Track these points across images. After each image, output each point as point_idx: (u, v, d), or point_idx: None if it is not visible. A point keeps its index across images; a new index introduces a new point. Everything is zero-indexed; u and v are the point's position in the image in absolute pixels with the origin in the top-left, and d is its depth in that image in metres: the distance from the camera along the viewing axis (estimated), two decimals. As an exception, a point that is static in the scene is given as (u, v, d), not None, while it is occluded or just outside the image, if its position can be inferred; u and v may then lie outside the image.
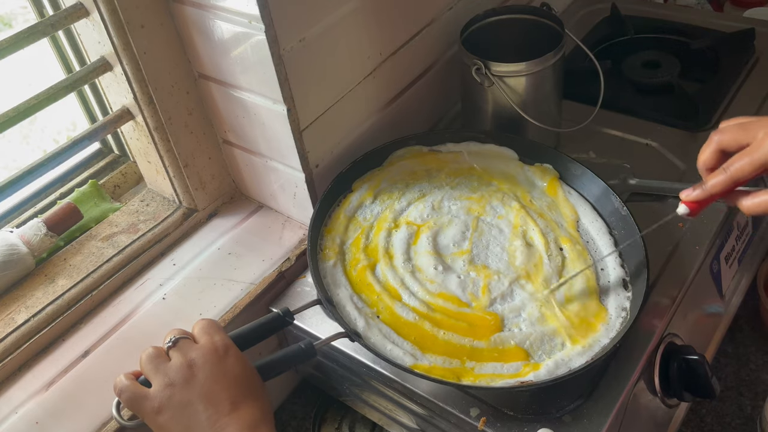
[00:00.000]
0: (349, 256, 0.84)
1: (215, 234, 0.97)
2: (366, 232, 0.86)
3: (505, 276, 0.80)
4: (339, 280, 0.81)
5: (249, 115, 0.87)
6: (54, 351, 0.84)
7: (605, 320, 0.75)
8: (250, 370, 0.64)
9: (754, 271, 1.04)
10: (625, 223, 0.82)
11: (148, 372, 0.63)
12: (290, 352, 0.71)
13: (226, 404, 0.61)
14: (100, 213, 0.98)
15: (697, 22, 1.21)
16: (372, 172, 0.93)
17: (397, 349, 0.74)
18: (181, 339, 0.64)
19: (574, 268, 0.80)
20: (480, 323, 0.76)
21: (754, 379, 0.97)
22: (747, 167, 0.61)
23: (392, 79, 0.97)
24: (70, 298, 0.86)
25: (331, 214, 0.88)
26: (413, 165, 0.93)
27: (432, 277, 0.81)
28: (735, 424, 0.93)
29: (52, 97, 0.80)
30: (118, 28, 0.79)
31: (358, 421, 0.96)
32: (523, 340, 0.74)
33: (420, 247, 0.84)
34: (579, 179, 0.89)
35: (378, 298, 0.79)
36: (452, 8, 1.03)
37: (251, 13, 0.74)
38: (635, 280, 0.78)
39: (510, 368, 0.72)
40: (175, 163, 0.93)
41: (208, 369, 0.62)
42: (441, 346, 0.74)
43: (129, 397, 0.62)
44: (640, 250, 0.78)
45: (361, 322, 0.76)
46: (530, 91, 0.94)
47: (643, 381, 0.78)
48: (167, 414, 0.60)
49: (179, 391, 0.61)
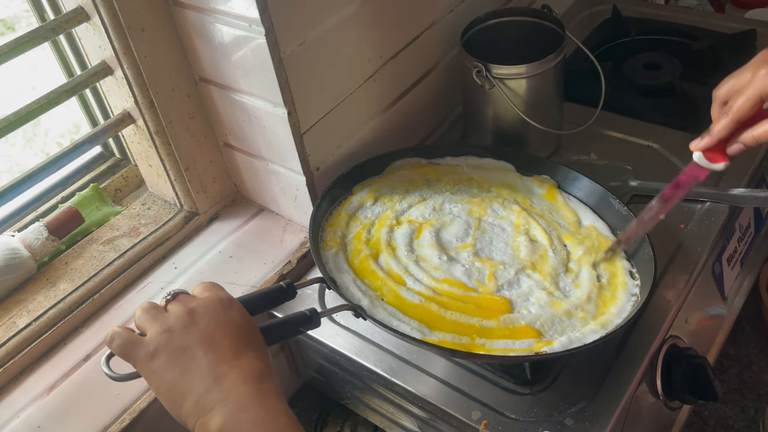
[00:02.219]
0: (351, 248, 0.83)
1: (216, 237, 0.97)
2: (367, 228, 0.85)
3: (510, 266, 0.80)
4: (341, 266, 0.79)
5: (250, 119, 0.87)
6: (55, 355, 0.84)
7: (616, 303, 0.75)
8: (253, 325, 0.61)
9: (756, 272, 1.03)
10: (627, 223, 0.82)
11: (143, 322, 0.59)
12: (294, 316, 0.68)
13: (228, 351, 0.57)
14: (101, 217, 0.98)
15: (698, 23, 1.21)
16: (372, 178, 0.93)
17: (403, 326, 0.72)
18: (180, 293, 0.61)
19: (579, 260, 0.81)
20: (488, 305, 0.75)
21: (756, 381, 0.97)
22: (745, 104, 0.67)
23: (393, 82, 0.97)
24: (71, 302, 0.86)
25: (332, 212, 0.88)
26: (412, 174, 0.94)
27: (437, 265, 0.80)
28: (738, 426, 0.92)
29: (53, 101, 0.81)
30: (118, 32, 0.79)
31: (360, 425, 0.96)
32: (533, 320, 0.74)
33: (423, 241, 0.83)
34: (577, 186, 0.89)
35: (382, 283, 0.77)
36: (453, 11, 1.03)
37: (251, 16, 0.74)
38: (641, 270, 0.78)
39: (522, 344, 0.71)
40: (176, 167, 0.93)
41: (210, 316, 0.58)
42: (449, 325, 0.73)
43: (120, 344, 0.58)
44: (645, 243, 0.78)
45: (366, 301, 0.75)
46: (531, 94, 0.94)
47: (645, 383, 0.78)
48: (162, 357, 0.56)
49: (177, 336, 0.57)
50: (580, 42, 1.01)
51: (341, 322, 0.85)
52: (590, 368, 0.75)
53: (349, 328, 0.83)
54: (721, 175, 0.94)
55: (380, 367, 0.79)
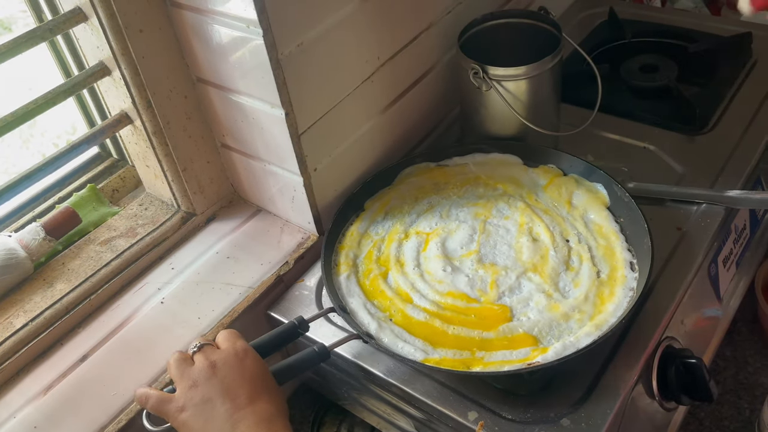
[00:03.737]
0: (362, 268, 0.87)
1: (214, 238, 0.97)
2: (378, 245, 0.89)
3: (512, 270, 0.82)
4: (353, 290, 0.83)
5: (247, 119, 0.87)
6: (52, 355, 0.84)
7: (613, 300, 0.77)
8: (266, 372, 0.69)
9: (752, 274, 1.04)
10: (629, 209, 0.85)
11: (174, 376, 0.68)
12: (305, 355, 0.75)
13: (244, 398, 0.65)
14: (98, 217, 0.98)
15: (694, 26, 1.21)
16: (382, 191, 0.96)
17: (408, 347, 0.76)
18: (205, 345, 0.70)
19: (579, 257, 0.82)
20: (488, 314, 0.78)
21: (752, 382, 0.97)
22: None
23: (390, 83, 0.97)
24: (68, 303, 0.86)
25: (344, 232, 0.91)
26: (421, 181, 0.97)
27: (441, 278, 0.83)
28: (733, 427, 0.93)
29: (50, 101, 0.81)
30: (116, 33, 0.79)
31: (357, 425, 0.96)
32: (531, 327, 0.76)
33: (429, 253, 0.86)
34: (580, 174, 0.93)
35: (390, 303, 0.81)
36: (450, 12, 1.03)
37: (249, 17, 0.74)
38: (641, 261, 0.80)
39: (519, 354, 0.74)
40: (173, 167, 0.93)
41: (228, 368, 0.67)
42: (451, 341, 0.76)
43: (154, 403, 0.67)
44: (645, 233, 0.80)
45: (374, 325, 0.79)
46: (528, 95, 0.94)
47: (641, 384, 0.78)
48: (189, 410, 0.65)
49: (201, 389, 0.66)
50: (577, 44, 1.02)
51: (338, 323, 0.85)
52: (586, 369, 0.76)
53: (345, 328, 0.84)
54: (717, 177, 0.95)
55: (377, 368, 0.79)
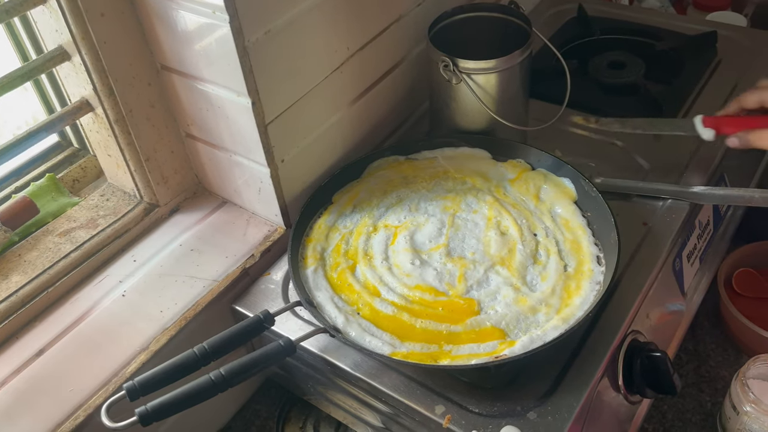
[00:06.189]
0: (330, 262, 0.85)
1: (177, 230, 0.95)
2: (346, 238, 0.88)
3: (480, 264, 0.82)
4: (320, 284, 0.82)
5: (213, 108, 0.85)
6: (7, 350, 0.81)
7: (580, 294, 0.77)
8: None
9: (714, 269, 1.05)
10: (596, 203, 0.86)
11: None
12: (270, 350, 0.73)
13: None
14: (57, 208, 0.95)
15: (661, 24, 1.23)
16: (351, 184, 0.95)
17: (375, 341, 0.75)
18: None
19: (547, 251, 0.83)
20: (455, 308, 0.78)
21: (714, 375, 0.99)
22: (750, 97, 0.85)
23: (360, 74, 0.96)
24: (24, 295, 0.84)
25: (312, 225, 0.90)
26: (390, 174, 0.96)
27: (409, 271, 0.82)
28: (695, 420, 0.94)
29: (6, 85, 0.78)
30: (76, 16, 0.77)
31: (323, 420, 0.95)
32: (499, 320, 0.76)
33: (398, 246, 0.85)
34: (548, 168, 0.93)
35: (358, 297, 0.81)
36: (420, 4, 1.02)
37: (215, 3, 0.72)
38: (608, 255, 0.81)
39: (486, 347, 0.74)
40: (136, 157, 0.90)
41: None
42: (419, 334, 0.76)
43: None
44: (612, 228, 0.81)
45: (341, 319, 0.78)
46: (498, 89, 0.94)
47: (607, 378, 0.79)
48: None
49: None
50: (547, 39, 1.02)
51: (304, 316, 0.84)
52: (553, 363, 0.76)
53: (312, 322, 0.82)
54: (682, 173, 0.96)
55: (344, 362, 0.78)
